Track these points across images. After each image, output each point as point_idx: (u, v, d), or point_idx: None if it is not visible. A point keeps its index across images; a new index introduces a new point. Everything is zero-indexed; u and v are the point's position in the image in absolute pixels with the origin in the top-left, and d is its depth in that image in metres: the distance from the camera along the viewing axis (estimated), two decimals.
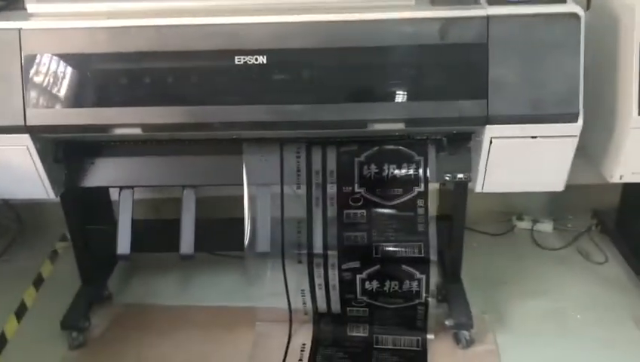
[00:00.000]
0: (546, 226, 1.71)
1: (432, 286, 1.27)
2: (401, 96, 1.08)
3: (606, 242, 1.64)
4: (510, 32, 1.05)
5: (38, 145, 1.13)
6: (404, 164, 1.22)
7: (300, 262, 1.24)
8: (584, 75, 1.06)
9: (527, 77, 1.06)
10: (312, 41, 1.07)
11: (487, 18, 1.04)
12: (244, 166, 1.23)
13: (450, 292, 1.37)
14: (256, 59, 1.06)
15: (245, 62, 1.06)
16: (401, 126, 1.11)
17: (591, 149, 1.25)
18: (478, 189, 1.17)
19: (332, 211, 1.24)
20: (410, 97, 1.07)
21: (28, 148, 1.12)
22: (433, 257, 1.24)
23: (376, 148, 1.22)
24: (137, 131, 1.11)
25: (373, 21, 1.06)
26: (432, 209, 1.25)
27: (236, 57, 1.06)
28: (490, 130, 1.09)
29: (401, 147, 1.22)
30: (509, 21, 1.05)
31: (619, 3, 1.17)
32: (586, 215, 1.72)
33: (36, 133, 1.11)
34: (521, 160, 1.12)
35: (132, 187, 1.27)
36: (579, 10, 1.05)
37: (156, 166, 1.25)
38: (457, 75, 1.07)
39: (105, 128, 1.11)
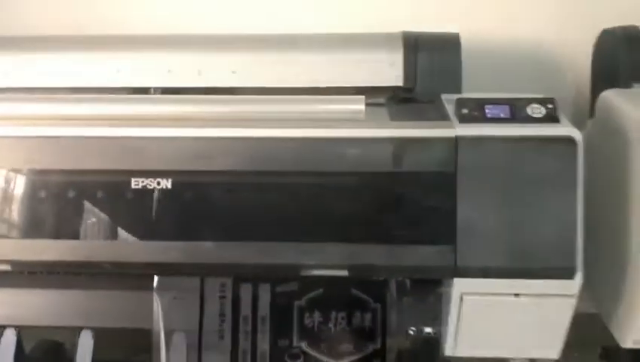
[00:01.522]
0: None
1: None
2: (343, 237, 0.83)
3: None
4: (485, 159, 0.81)
5: None
6: (357, 313, 0.96)
7: None
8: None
9: (507, 218, 0.81)
10: (231, 162, 0.83)
11: (456, 140, 0.81)
12: (154, 306, 0.98)
13: None
14: (159, 183, 0.83)
15: (144, 186, 0.83)
16: (343, 273, 0.86)
17: (595, 296, 0.99)
18: (448, 353, 0.91)
19: None
20: (355, 238, 0.83)
21: None
22: None
23: (321, 290, 0.96)
24: (6, 268, 0.88)
25: (309, 139, 0.83)
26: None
27: (133, 180, 0.83)
28: (460, 285, 0.83)
29: (353, 290, 0.96)
30: (483, 145, 0.81)
31: (628, 115, 0.92)
32: (594, 351, 1.43)
33: None
34: (502, 322, 0.86)
35: (15, 327, 1.02)
36: (575, 134, 0.81)
37: (45, 301, 1.00)
38: (416, 213, 0.82)
39: None
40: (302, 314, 0.97)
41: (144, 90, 0.99)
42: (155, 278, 0.98)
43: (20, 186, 0.84)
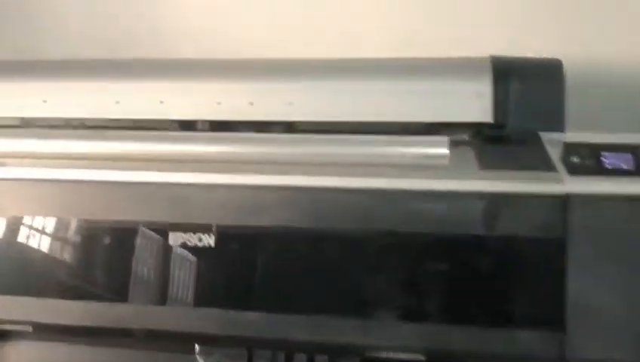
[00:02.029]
0: None
1: None
2: (418, 314, 0.67)
3: None
4: (603, 223, 0.64)
5: None
6: None
7: None
8: None
9: (632, 297, 0.64)
10: (284, 217, 0.70)
11: (567, 198, 0.64)
12: None
13: None
14: (200, 240, 0.70)
15: (184, 242, 0.71)
16: (419, 358, 0.70)
17: None
18: None
19: None
20: (435, 318, 0.67)
21: None
22: None
23: None
24: (27, 329, 0.77)
25: (378, 191, 0.68)
26: None
27: (170, 234, 0.71)
28: None
29: None
30: (601, 205, 0.64)
31: None
32: None
33: None
34: None
35: None
36: None
37: (73, 358, 0.89)
38: (514, 288, 0.66)
39: None
40: None
41: (190, 124, 0.87)
42: (197, 344, 0.85)
43: (42, 240, 0.74)
